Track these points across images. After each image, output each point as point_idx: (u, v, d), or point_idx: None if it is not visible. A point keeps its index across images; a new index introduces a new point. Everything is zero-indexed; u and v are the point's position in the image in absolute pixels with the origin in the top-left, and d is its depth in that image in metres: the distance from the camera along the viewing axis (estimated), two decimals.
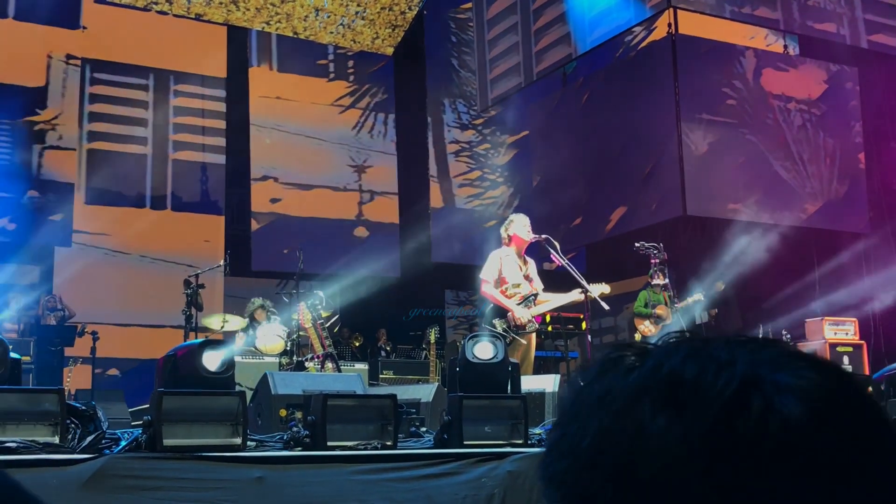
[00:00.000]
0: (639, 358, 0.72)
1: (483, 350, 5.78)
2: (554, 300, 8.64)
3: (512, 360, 6.17)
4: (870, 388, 8.02)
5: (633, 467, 0.66)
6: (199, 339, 5.38)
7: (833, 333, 11.79)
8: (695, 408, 0.66)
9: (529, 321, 8.25)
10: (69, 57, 15.37)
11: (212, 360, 4.96)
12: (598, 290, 8.25)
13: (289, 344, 10.36)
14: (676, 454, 0.65)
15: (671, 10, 13.38)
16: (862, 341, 12.00)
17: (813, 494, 0.64)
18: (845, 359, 11.57)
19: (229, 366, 4.99)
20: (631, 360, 0.72)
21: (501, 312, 8.27)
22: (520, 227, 8.46)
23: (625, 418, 0.68)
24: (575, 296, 8.39)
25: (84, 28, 15.54)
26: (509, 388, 5.84)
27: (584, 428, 0.70)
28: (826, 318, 12.03)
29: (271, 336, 10.62)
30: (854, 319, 12.18)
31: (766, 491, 0.63)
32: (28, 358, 11.41)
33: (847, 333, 11.94)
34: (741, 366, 0.68)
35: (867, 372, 11.09)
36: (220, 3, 16.38)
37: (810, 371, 0.69)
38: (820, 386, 0.68)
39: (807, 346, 11.80)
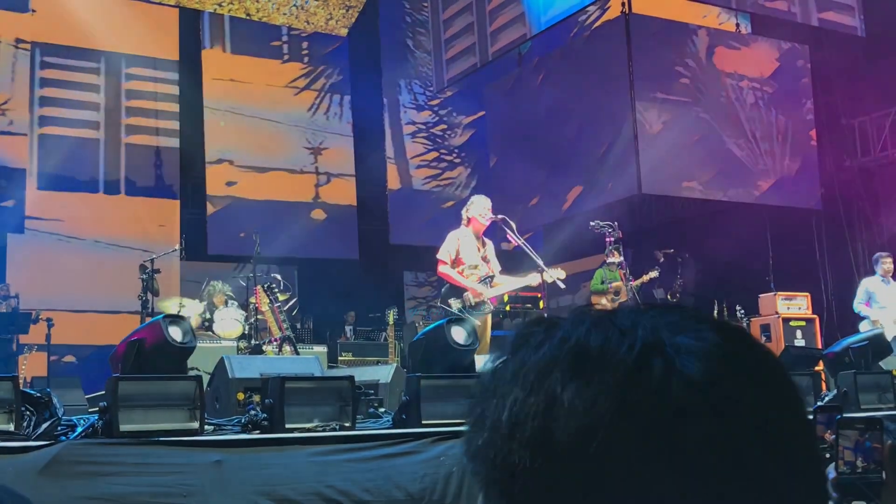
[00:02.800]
0: (548, 331, 0.74)
1: (458, 335, 5.83)
2: (511, 282, 8.69)
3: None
4: (821, 363, 8.16)
5: (548, 434, 0.68)
6: (161, 315, 5.46)
7: (786, 308, 11.96)
8: (601, 375, 0.68)
9: (485, 301, 8.30)
10: (18, 41, 15.13)
11: (176, 333, 5.04)
12: (555, 274, 8.30)
13: (246, 328, 10.34)
14: (586, 420, 0.67)
15: None
16: (815, 315, 12.19)
17: (717, 449, 0.66)
18: (798, 333, 11.75)
19: (191, 335, 5.14)
20: (541, 334, 0.75)
21: (458, 292, 8.31)
22: (478, 209, 8.49)
23: (538, 391, 0.70)
24: (531, 279, 8.44)
25: (33, 11, 15.29)
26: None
27: (502, 402, 0.72)
28: (779, 293, 12.20)
29: (229, 321, 10.59)
30: (807, 294, 12.37)
31: (673, 449, 0.66)
32: None
33: (800, 308, 12.12)
34: (642, 331, 0.70)
35: (819, 346, 11.28)
36: None
37: (710, 332, 0.71)
38: (719, 346, 0.70)
39: (760, 321, 11.97)
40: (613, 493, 0.66)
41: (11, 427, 4.48)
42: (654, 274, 11.52)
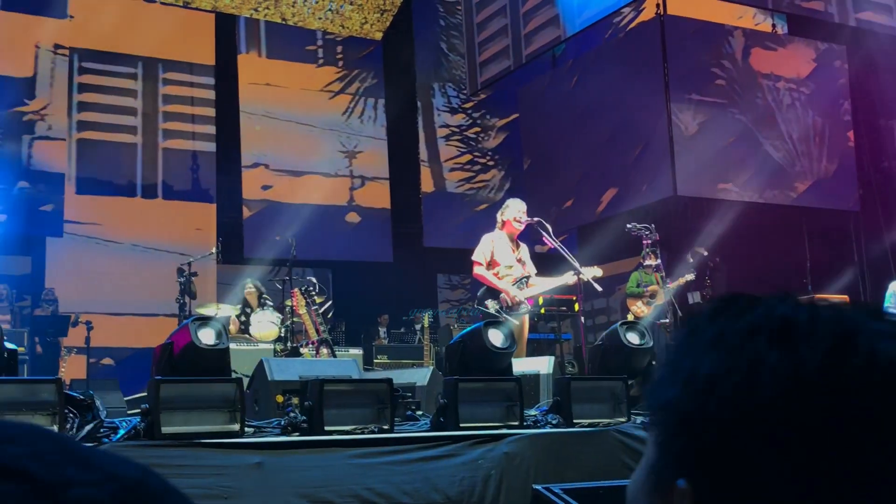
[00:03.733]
0: (748, 305, 0.81)
1: (496, 337, 5.84)
2: (546, 283, 8.67)
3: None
4: None
5: (749, 393, 0.74)
6: (190, 318, 5.46)
7: None
8: (807, 343, 0.75)
9: (522, 302, 8.29)
10: (57, 47, 15.31)
11: (206, 335, 5.04)
12: (591, 272, 8.26)
13: (283, 330, 10.39)
14: (790, 383, 0.73)
15: None
16: None
17: None
18: None
19: (222, 337, 5.12)
20: (740, 306, 0.81)
21: (494, 294, 8.30)
22: (513, 212, 8.48)
23: (740, 353, 0.76)
24: (567, 279, 8.41)
25: (71, 17, 15.48)
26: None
27: (699, 362, 0.78)
28: (816, 295, 12.07)
29: (265, 323, 10.64)
30: (845, 297, 12.25)
31: (874, 417, 0.72)
32: (23, 349, 11.44)
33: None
34: (845, 314, 0.78)
35: None
36: None
37: None
38: None
39: None
40: (809, 450, 0.72)
41: (55, 429, 4.53)
42: (690, 277, 11.43)
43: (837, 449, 0.72)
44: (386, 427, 5.13)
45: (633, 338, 6.44)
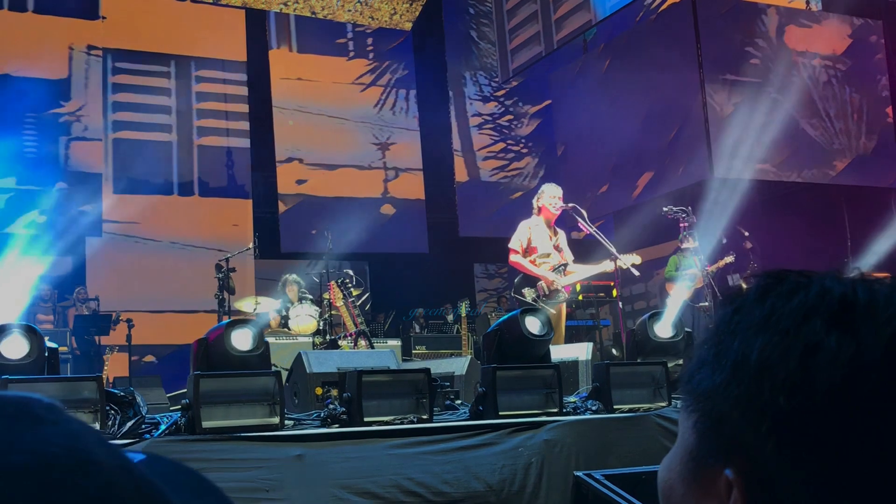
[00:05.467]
0: (800, 282, 0.77)
1: (533, 325, 5.80)
2: (584, 271, 8.62)
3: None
4: None
5: (807, 378, 0.70)
6: (226, 321, 5.41)
7: None
8: (868, 326, 0.71)
9: (559, 290, 8.25)
10: (90, 48, 15.45)
11: (241, 340, 5.03)
12: (630, 260, 8.21)
13: (321, 323, 10.43)
14: (851, 370, 0.69)
15: None
16: None
17: None
18: None
19: (260, 342, 5.06)
20: (791, 284, 0.77)
21: (531, 282, 8.27)
22: (548, 198, 8.45)
23: (794, 336, 0.72)
24: (605, 266, 8.36)
25: (103, 18, 15.61)
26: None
27: (749, 345, 0.74)
28: (865, 272, 11.90)
29: (304, 317, 10.68)
30: (887, 275, 12.04)
31: None
32: (65, 348, 11.57)
33: None
34: None
35: None
36: None
37: None
38: None
39: None
40: (875, 437, 0.68)
41: (97, 426, 4.57)
42: (729, 259, 11.33)
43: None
44: (425, 417, 5.13)
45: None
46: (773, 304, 0.75)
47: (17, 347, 4.79)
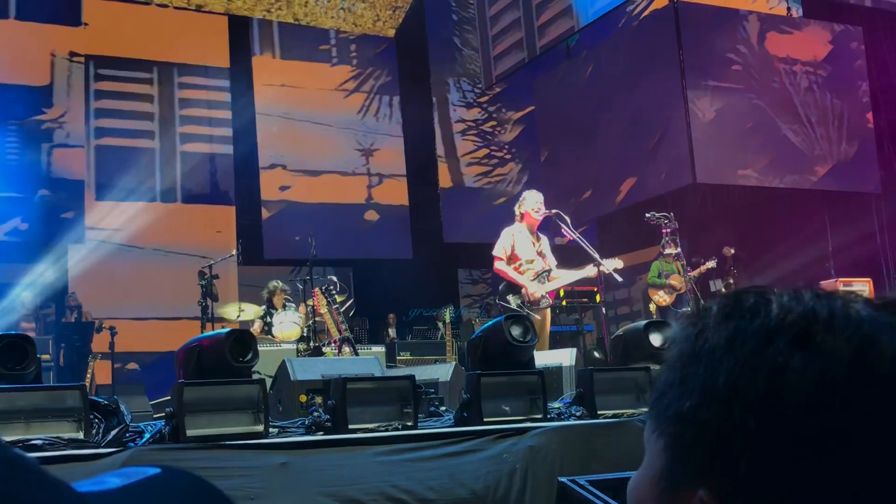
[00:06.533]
0: (759, 302, 0.77)
1: (517, 331, 5.81)
2: (567, 276, 8.64)
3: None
4: None
5: (775, 400, 0.71)
6: (226, 330, 5.37)
7: None
8: (832, 344, 0.72)
9: (543, 297, 8.27)
10: (72, 54, 15.40)
11: (241, 350, 5.02)
12: (612, 264, 8.23)
13: (305, 330, 10.42)
14: (819, 387, 0.70)
15: None
16: None
17: None
18: None
19: (255, 355, 5.06)
20: (750, 304, 0.77)
21: (515, 288, 8.29)
22: (531, 204, 8.46)
23: (760, 357, 0.73)
24: (588, 271, 8.38)
25: (85, 25, 15.56)
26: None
27: (715, 369, 0.75)
28: (840, 279, 11.99)
29: (287, 324, 10.67)
30: (868, 280, 12.15)
31: None
32: (48, 356, 11.52)
33: (862, 294, 11.88)
34: (862, 311, 0.75)
35: None
36: None
37: None
38: None
39: None
40: (847, 455, 0.69)
41: (81, 435, 4.55)
42: (711, 264, 11.39)
43: (871, 456, 0.69)
44: (409, 424, 5.13)
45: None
46: (736, 326, 0.76)
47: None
